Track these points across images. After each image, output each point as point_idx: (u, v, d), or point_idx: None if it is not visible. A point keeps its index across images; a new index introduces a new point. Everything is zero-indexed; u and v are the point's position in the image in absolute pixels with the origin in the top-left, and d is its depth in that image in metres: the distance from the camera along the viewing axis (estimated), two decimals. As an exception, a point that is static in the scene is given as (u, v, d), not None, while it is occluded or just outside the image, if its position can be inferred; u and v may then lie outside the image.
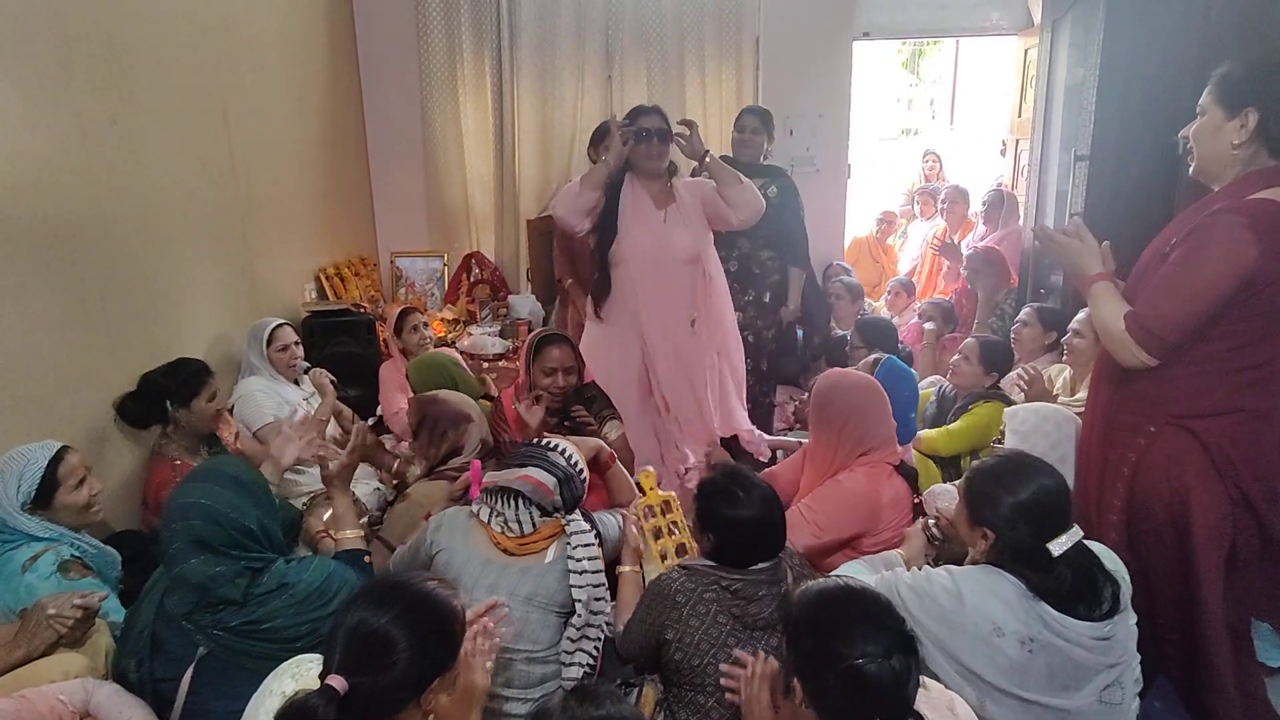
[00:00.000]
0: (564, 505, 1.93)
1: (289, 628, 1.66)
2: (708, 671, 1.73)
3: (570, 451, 1.98)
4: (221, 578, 1.63)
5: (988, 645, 1.54)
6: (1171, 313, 1.75)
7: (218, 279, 3.09)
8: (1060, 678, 1.54)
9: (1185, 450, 1.83)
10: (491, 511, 1.91)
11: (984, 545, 1.64)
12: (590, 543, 1.91)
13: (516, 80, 4.53)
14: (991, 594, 1.56)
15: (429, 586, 1.36)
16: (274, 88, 3.63)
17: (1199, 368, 1.79)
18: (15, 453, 1.98)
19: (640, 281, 2.86)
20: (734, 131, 3.63)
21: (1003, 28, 4.89)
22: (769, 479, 2.59)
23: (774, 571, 1.77)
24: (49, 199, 2.22)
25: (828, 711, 1.25)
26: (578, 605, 1.85)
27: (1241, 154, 1.75)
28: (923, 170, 6.37)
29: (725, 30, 4.52)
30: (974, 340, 3.05)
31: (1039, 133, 4.28)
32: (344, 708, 1.20)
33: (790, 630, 1.34)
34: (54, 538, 1.96)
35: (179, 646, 1.67)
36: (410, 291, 4.70)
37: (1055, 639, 1.53)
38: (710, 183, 2.86)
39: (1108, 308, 1.85)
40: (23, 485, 1.94)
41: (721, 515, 1.76)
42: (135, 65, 2.60)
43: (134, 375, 2.52)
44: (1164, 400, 1.85)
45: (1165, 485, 1.85)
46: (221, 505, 1.65)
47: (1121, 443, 1.93)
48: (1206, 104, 1.80)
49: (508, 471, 1.93)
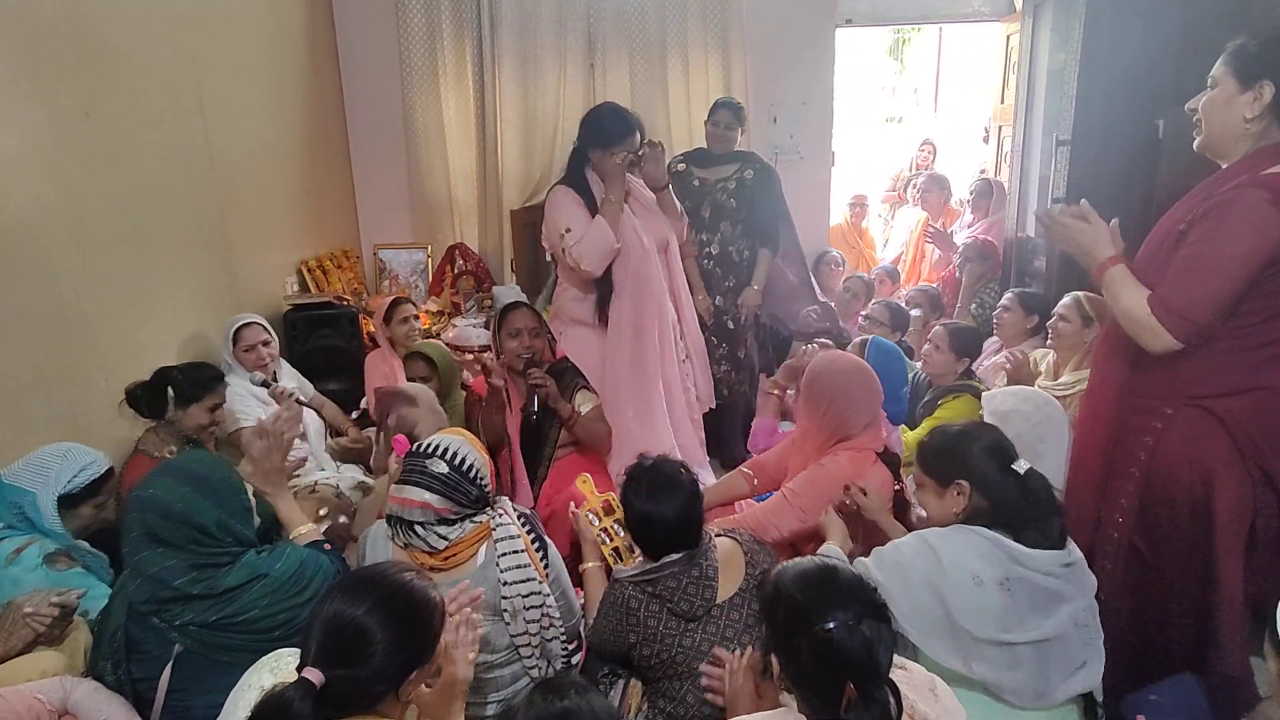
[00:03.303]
0: (470, 507, 1.79)
1: (265, 618, 1.64)
2: (678, 661, 1.80)
3: (453, 449, 1.78)
4: (174, 571, 1.60)
5: (973, 596, 1.65)
6: (1200, 293, 1.69)
7: (196, 274, 3.05)
8: (1038, 607, 1.66)
9: (1206, 431, 1.79)
10: (398, 537, 1.79)
11: (962, 501, 1.78)
12: (518, 549, 1.81)
13: (498, 70, 4.49)
14: (964, 547, 1.70)
15: (406, 577, 1.35)
16: (251, 78, 3.58)
17: (1217, 346, 1.74)
18: (78, 448, 2.05)
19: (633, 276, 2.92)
20: (708, 124, 3.64)
21: (985, 14, 4.89)
22: (756, 467, 2.64)
23: (688, 561, 1.80)
24: (20, 193, 2.18)
25: (801, 681, 1.27)
26: (505, 615, 1.79)
27: (1253, 128, 1.72)
28: (916, 159, 6.36)
29: (708, 18, 4.49)
30: (943, 328, 3.05)
31: (1021, 118, 4.29)
32: (322, 700, 1.19)
33: (766, 605, 1.36)
34: (58, 535, 1.97)
35: (154, 646, 1.65)
36: (394, 284, 4.67)
37: (1027, 573, 1.66)
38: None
39: (1128, 293, 1.78)
40: (77, 478, 2.01)
41: (633, 507, 1.85)
42: (107, 57, 2.56)
43: (109, 373, 2.49)
44: (1181, 381, 1.80)
45: (1185, 467, 1.81)
46: (175, 501, 1.62)
47: (1137, 426, 1.88)
48: (1219, 76, 1.75)
49: (393, 490, 1.81)
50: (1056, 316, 2.86)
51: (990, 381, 3.03)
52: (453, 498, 1.75)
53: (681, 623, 1.79)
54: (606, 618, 1.86)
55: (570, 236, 2.80)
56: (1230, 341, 1.75)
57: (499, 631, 1.80)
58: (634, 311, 2.94)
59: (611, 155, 2.81)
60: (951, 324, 3.16)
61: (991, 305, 3.77)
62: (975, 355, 3.07)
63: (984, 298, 4.10)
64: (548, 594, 1.82)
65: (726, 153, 3.60)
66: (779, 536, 2.19)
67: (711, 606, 1.78)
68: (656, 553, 1.84)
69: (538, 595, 1.81)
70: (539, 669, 1.86)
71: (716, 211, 3.56)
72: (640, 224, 2.95)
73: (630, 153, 2.83)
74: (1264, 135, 1.73)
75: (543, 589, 1.81)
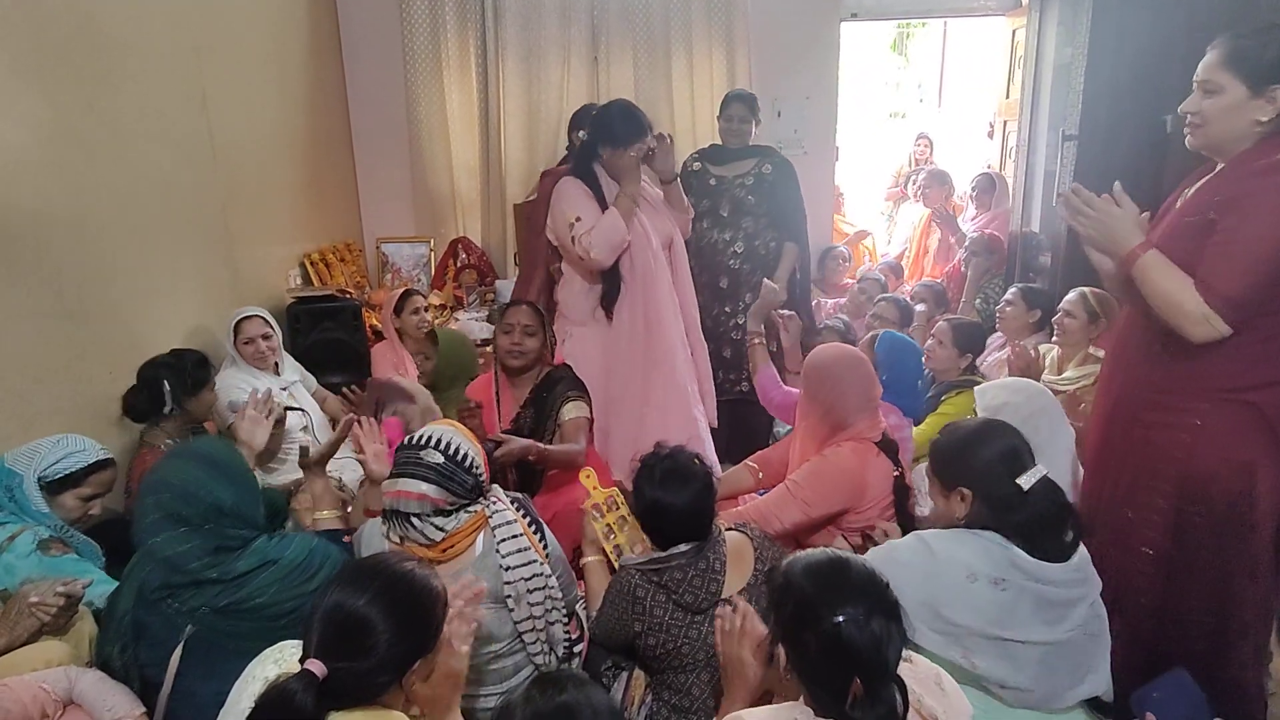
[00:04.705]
0: (465, 497, 1.79)
1: (274, 604, 1.65)
2: (684, 653, 1.79)
3: (446, 439, 1.78)
4: (191, 554, 1.62)
5: (966, 592, 1.61)
6: (1244, 277, 1.66)
7: (199, 267, 3.05)
8: (1042, 614, 1.62)
9: (1246, 424, 1.75)
10: (394, 532, 1.78)
11: (964, 507, 1.72)
12: (517, 533, 1.82)
13: (502, 63, 4.48)
14: (960, 544, 1.67)
15: (407, 567, 1.35)
16: (254, 71, 3.58)
17: (1249, 337, 1.71)
18: (74, 437, 2.04)
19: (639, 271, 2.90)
20: (720, 120, 3.59)
21: (990, 8, 4.86)
22: (761, 461, 2.64)
23: (696, 553, 1.79)
24: (22, 186, 2.18)
25: (809, 674, 1.26)
26: (509, 602, 1.79)
27: (1264, 130, 1.71)
28: (913, 154, 6.34)
29: (712, 11, 4.48)
30: (946, 323, 3.04)
31: (1027, 113, 4.28)
32: (324, 691, 1.19)
33: (774, 597, 1.35)
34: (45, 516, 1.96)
35: (162, 630, 1.66)
36: (397, 277, 4.66)
37: (1034, 585, 1.61)
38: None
39: (1169, 279, 1.72)
40: (58, 464, 1.99)
41: (646, 495, 1.83)
42: (110, 49, 2.56)
43: (113, 367, 2.49)
44: (1213, 375, 1.76)
45: (1225, 463, 1.77)
46: (191, 482, 1.65)
47: (1171, 424, 1.83)
48: (1224, 82, 1.72)
49: (387, 484, 1.80)
50: (1062, 312, 2.85)
51: (993, 377, 3.02)
52: (449, 487, 1.74)
53: (688, 615, 1.78)
54: (612, 606, 1.85)
55: (580, 225, 2.79)
56: (1263, 331, 1.72)
57: (502, 619, 1.81)
58: (645, 308, 2.92)
59: (625, 152, 2.80)
60: (954, 319, 3.15)
61: (996, 300, 3.76)
62: (978, 351, 3.06)
63: (988, 292, 4.09)
64: (549, 575, 1.83)
65: (742, 148, 3.55)
66: (782, 528, 2.19)
67: (717, 599, 1.77)
68: (666, 543, 1.83)
69: (540, 577, 1.81)
70: (543, 655, 1.86)
71: (737, 208, 3.51)
72: (648, 222, 2.93)
73: (644, 148, 2.82)
74: (1273, 132, 1.72)
75: (544, 570, 1.82)
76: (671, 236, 3.05)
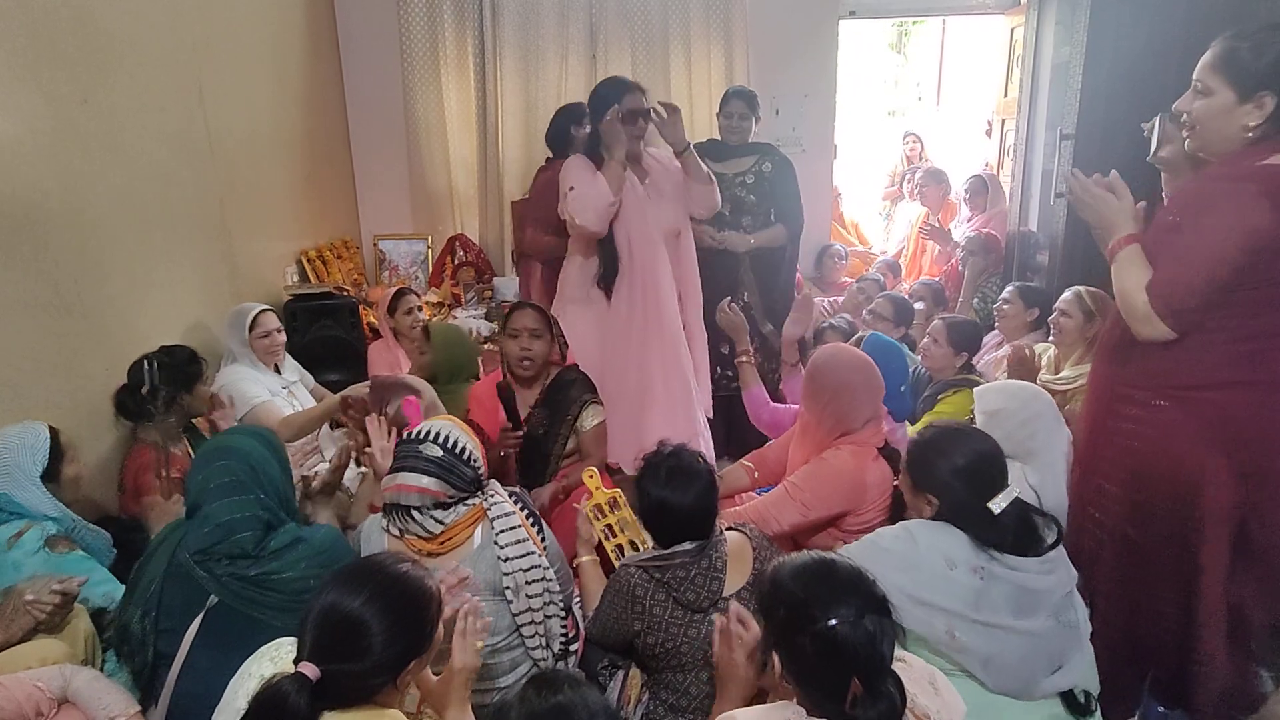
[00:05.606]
0: (465, 490, 1.83)
1: (300, 579, 1.70)
2: (682, 651, 1.79)
3: (445, 433, 1.83)
4: (241, 523, 1.69)
5: (945, 579, 1.65)
6: (1187, 281, 1.70)
7: (196, 263, 3.04)
8: (1013, 604, 1.65)
9: (1192, 422, 1.79)
10: (394, 525, 1.82)
11: (929, 511, 1.78)
12: (515, 525, 1.84)
13: (499, 60, 4.47)
14: (942, 532, 1.71)
15: (401, 568, 1.35)
16: (252, 67, 3.56)
17: (1208, 339, 1.74)
18: (10, 430, 2.03)
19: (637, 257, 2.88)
20: (720, 117, 3.57)
21: (989, 6, 4.86)
22: (757, 460, 2.63)
23: (698, 552, 1.79)
24: (18, 180, 2.17)
25: (805, 677, 1.26)
26: (508, 593, 1.81)
27: (1254, 134, 1.71)
28: (904, 152, 6.34)
29: (711, 9, 4.47)
30: (941, 322, 3.03)
31: (1025, 112, 4.28)
32: (319, 692, 1.19)
33: (764, 603, 1.35)
34: (59, 517, 1.98)
35: (186, 600, 1.70)
36: (394, 275, 4.66)
37: (1005, 572, 1.65)
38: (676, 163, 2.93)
39: (1132, 275, 1.77)
40: (38, 456, 2.01)
41: (649, 494, 1.83)
42: (107, 43, 2.55)
43: (110, 362, 2.48)
44: (1169, 373, 1.80)
45: (1167, 458, 1.81)
46: (258, 457, 1.78)
47: (1124, 415, 1.89)
48: (1215, 85, 1.73)
49: (386, 479, 1.84)
50: (1058, 311, 2.85)
51: (990, 376, 3.02)
52: (448, 480, 1.79)
53: (688, 614, 1.77)
54: (611, 604, 1.85)
55: (572, 194, 2.82)
56: (1220, 334, 1.74)
57: (501, 612, 1.82)
58: (644, 294, 2.90)
59: (605, 119, 2.80)
60: (950, 318, 3.14)
61: (993, 299, 3.75)
62: (974, 350, 3.05)
63: (986, 291, 4.09)
64: (547, 567, 1.86)
65: (742, 145, 3.51)
66: (780, 529, 2.19)
67: (717, 599, 1.77)
68: (668, 541, 1.83)
69: (538, 569, 1.83)
70: (540, 649, 1.86)
71: (736, 207, 3.48)
72: (651, 211, 2.90)
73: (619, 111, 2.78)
74: (1261, 138, 1.72)
75: (542, 562, 1.85)
76: (679, 229, 3.01)
